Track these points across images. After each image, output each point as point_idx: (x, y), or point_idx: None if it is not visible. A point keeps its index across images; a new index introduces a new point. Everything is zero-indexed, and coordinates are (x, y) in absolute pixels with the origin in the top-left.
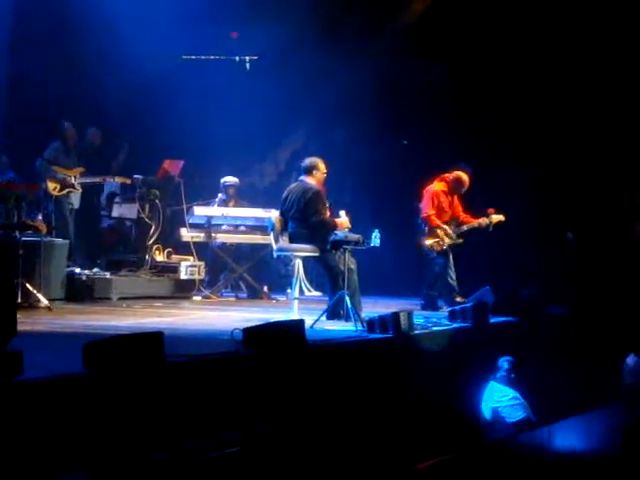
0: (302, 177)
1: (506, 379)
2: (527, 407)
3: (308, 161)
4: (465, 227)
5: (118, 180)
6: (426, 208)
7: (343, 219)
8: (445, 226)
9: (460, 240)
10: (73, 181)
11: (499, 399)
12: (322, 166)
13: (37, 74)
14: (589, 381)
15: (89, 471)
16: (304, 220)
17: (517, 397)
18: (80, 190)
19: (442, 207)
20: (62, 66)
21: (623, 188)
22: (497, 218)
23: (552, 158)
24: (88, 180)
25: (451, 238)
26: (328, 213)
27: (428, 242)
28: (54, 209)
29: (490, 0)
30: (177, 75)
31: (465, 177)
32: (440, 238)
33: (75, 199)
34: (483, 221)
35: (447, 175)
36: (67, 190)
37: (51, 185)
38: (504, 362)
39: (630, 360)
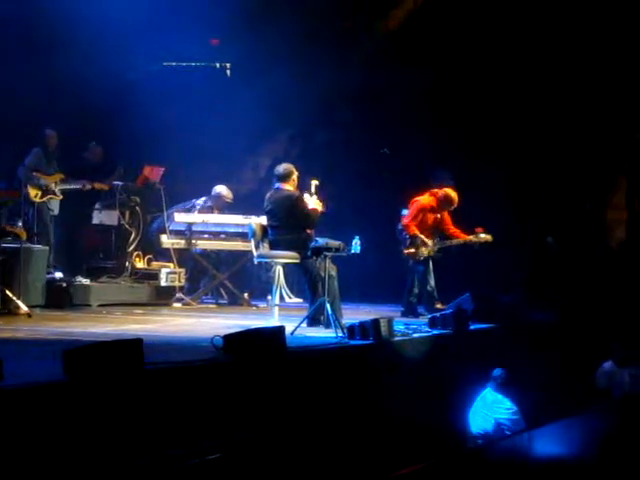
0: (278, 185)
1: (500, 387)
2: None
3: (282, 168)
4: (451, 242)
5: (97, 187)
6: (408, 217)
7: (315, 202)
8: (423, 237)
9: (440, 253)
10: (54, 187)
11: (498, 411)
12: (295, 171)
13: (15, 80)
14: (569, 387)
15: (70, 478)
16: (284, 227)
17: (516, 410)
18: (60, 197)
19: (425, 222)
20: (41, 72)
21: (600, 193)
22: (485, 238)
23: (531, 163)
24: (68, 187)
25: (429, 250)
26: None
27: (406, 251)
28: (35, 215)
29: (468, 6)
30: (158, 81)
31: (454, 195)
32: (419, 248)
33: (55, 206)
34: (470, 239)
35: (437, 191)
36: (48, 197)
37: (32, 192)
38: (496, 370)
39: (606, 365)
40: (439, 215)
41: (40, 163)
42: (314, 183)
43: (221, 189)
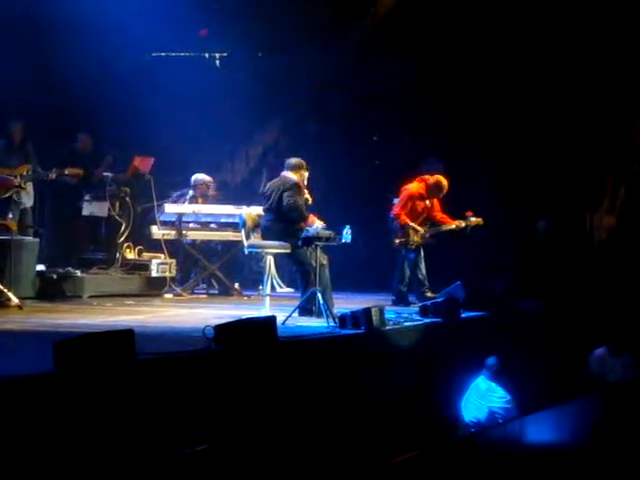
0: (284, 172)
1: (493, 376)
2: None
3: (294, 160)
4: (441, 228)
5: (69, 172)
6: (398, 206)
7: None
8: (415, 225)
9: (432, 240)
10: (18, 180)
11: (492, 399)
12: (305, 169)
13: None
14: (560, 373)
15: (61, 469)
16: (279, 212)
17: (510, 399)
18: (27, 188)
19: (415, 209)
20: (27, 62)
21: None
22: (475, 221)
23: (521, 148)
24: (36, 177)
25: (421, 237)
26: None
27: (397, 240)
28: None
29: None
30: (147, 72)
31: (445, 183)
32: (410, 236)
33: (27, 198)
34: (460, 223)
35: (428, 177)
36: (14, 190)
37: None
38: (491, 359)
39: (598, 351)
40: (428, 202)
41: (3, 156)
42: (305, 174)
43: (198, 176)
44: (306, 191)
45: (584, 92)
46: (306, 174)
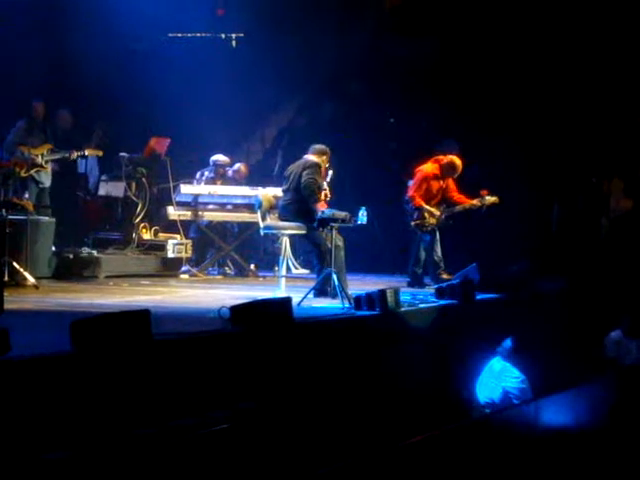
0: (308, 155)
1: (509, 357)
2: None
3: (320, 145)
4: (457, 208)
5: (89, 153)
6: (412, 188)
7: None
8: (429, 207)
9: (449, 221)
10: (40, 160)
11: (507, 379)
12: (329, 156)
13: (18, 53)
14: (576, 355)
15: (77, 449)
16: (297, 191)
17: (524, 379)
18: (48, 168)
19: (431, 190)
20: (44, 45)
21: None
22: (491, 200)
23: (539, 129)
24: (57, 156)
25: (437, 219)
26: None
27: (413, 222)
28: (20, 190)
29: None
30: (163, 53)
31: (458, 162)
32: (425, 219)
33: (45, 178)
34: (476, 203)
35: (441, 157)
36: (35, 169)
37: (17, 166)
38: (507, 340)
39: (614, 334)
40: (443, 182)
41: (23, 136)
42: (330, 173)
43: (217, 157)
44: (326, 186)
45: (604, 76)
46: (327, 161)
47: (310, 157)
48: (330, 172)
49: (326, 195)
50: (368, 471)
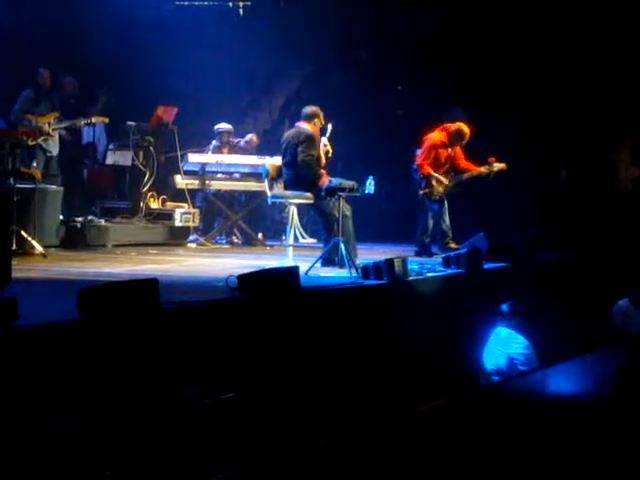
0: (299, 123)
1: (512, 323)
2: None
3: (309, 109)
4: (465, 176)
5: (96, 120)
6: (421, 156)
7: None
8: (438, 175)
9: (457, 188)
10: (48, 128)
11: (511, 345)
12: (322, 117)
13: (24, 21)
14: (584, 325)
15: (85, 416)
16: (291, 165)
17: (529, 344)
18: (56, 136)
19: (439, 159)
20: (51, 14)
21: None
22: (499, 166)
23: (546, 99)
24: (64, 124)
25: (445, 187)
26: (323, 162)
27: (422, 191)
28: (27, 158)
29: None
30: (171, 21)
31: (466, 130)
32: (434, 187)
33: (53, 146)
34: (484, 170)
35: (449, 125)
36: (42, 138)
37: (25, 134)
38: (508, 306)
39: (622, 303)
40: (451, 150)
41: (30, 104)
42: (329, 126)
43: (218, 125)
44: (326, 142)
45: (613, 44)
46: (322, 122)
47: (302, 126)
48: (329, 126)
49: (327, 152)
50: (378, 439)
